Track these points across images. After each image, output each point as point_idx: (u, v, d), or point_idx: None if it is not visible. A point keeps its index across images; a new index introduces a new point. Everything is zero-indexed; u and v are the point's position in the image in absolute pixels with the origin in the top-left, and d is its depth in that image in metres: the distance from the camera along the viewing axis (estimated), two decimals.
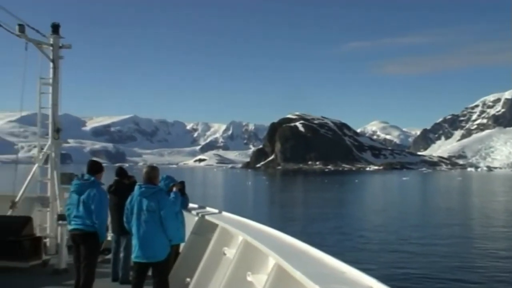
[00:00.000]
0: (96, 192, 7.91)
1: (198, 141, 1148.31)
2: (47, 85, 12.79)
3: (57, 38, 12.81)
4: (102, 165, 8.61)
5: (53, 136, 12.77)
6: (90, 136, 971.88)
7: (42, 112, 12.91)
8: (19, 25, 11.98)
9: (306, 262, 4.92)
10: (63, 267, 9.95)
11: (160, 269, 7.36)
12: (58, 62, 12.85)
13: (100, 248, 8.45)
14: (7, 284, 9.41)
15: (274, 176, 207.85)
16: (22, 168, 13.33)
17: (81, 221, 7.79)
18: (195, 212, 9.63)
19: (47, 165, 12.76)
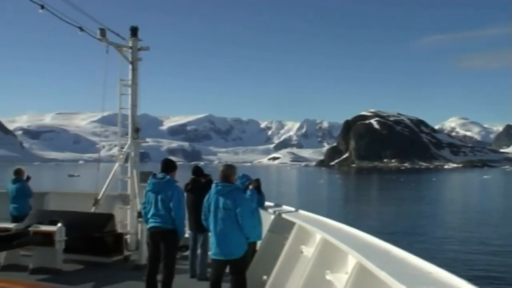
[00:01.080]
0: (174, 190, 8.04)
1: (272, 139, 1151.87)
2: (127, 86, 13.18)
3: (135, 40, 13.17)
4: (176, 163, 8.76)
5: (132, 136, 13.15)
6: (167, 135, 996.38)
7: (122, 113, 13.33)
8: (100, 30, 12.42)
9: (390, 261, 4.78)
10: (143, 262, 10.22)
11: (237, 266, 7.42)
12: (137, 64, 13.22)
13: (178, 245, 8.61)
14: (91, 277, 9.79)
15: (348, 174, 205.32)
16: (104, 167, 13.80)
17: (160, 219, 7.93)
18: (272, 210, 9.64)
19: (127, 163, 13.16)
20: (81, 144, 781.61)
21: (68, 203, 13.64)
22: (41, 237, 10.32)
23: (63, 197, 15.03)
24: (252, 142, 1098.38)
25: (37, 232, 10.39)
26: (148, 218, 8.10)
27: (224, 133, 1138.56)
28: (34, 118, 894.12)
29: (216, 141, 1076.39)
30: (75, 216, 11.59)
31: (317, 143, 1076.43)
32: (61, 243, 10.28)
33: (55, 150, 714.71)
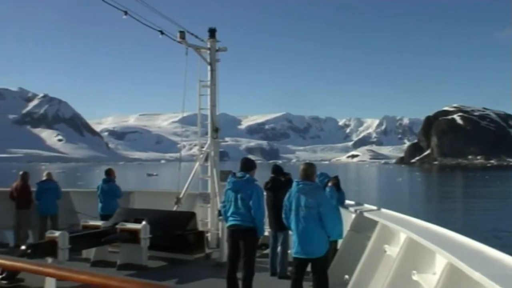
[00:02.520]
0: (253, 188, 8.11)
1: (351, 136, 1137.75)
2: (206, 87, 13.43)
3: (214, 42, 13.38)
4: (255, 162, 8.82)
5: (212, 135, 13.39)
6: (245, 134, 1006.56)
7: (201, 113, 13.60)
8: (180, 32, 12.73)
9: (484, 262, 4.59)
10: (224, 260, 10.37)
11: (319, 265, 7.40)
12: (215, 65, 13.44)
13: (258, 243, 8.67)
14: (175, 274, 10.05)
15: (430, 171, 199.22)
16: (184, 166, 14.12)
17: (240, 217, 8.00)
18: (353, 208, 9.51)
19: (207, 163, 13.40)
20: (162, 144, 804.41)
21: (151, 201, 14.07)
22: (127, 234, 10.71)
23: (147, 195, 15.52)
24: (330, 140, 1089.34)
25: (123, 229, 10.79)
26: (228, 217, 8.18)
27: (302, 131, 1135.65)
28: (119, 120, 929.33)
29: (294, 140, 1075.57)
30: (158, 214, 11.93)
31: (397, 140, 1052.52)
32: (146, 240, 10.63)
33: (138, 150, 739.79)
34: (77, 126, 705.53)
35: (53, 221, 13.59)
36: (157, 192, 17.91)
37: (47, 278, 3.39)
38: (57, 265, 3.45)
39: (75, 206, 14.64)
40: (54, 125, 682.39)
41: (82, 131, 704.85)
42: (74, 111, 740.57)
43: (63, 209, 14.06)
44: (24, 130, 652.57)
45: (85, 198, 14.91)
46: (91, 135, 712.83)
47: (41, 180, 14.04)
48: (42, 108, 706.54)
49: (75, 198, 14.95)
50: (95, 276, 3.11)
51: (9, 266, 3.78)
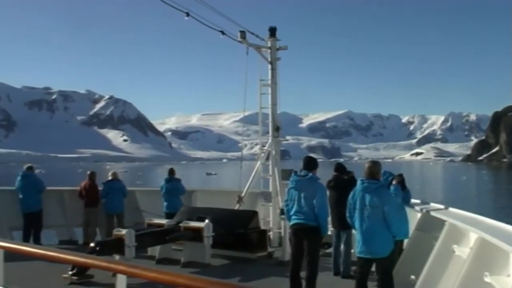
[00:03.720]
0: (317, 187, 8.05)
1: (415, 134, 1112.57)
2: (267, 86, 13.45)
3: (274, 41, 13.38)
4: (317, 161, 8.76)
5: (273, 134, 13.39)
6: (306, 133, 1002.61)
7: (262, 112, 13.62)
8: (241, 32, 12.81)
9: None
10: (287, 259, 10.35)
11: (384, 265, 7.27)
12: (276, 63, 13.43)
13: (321, 242, 8.61)
14: (238, 272, 10.11)
15: (498, 169, 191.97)
16: (245, 165, 14.18)
17: (303, 216, 7.95)
18: (419, 208, 9.28)
19: (268, 161, 13.42)
20: (224, 143, 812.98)
21: (213, 200, 14.23)
22: (191, 232, 10.86)
23: (209, 194, 15.69)
24: (393, 137, 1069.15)
25: (187, 228, 10.96)
26: (291, 215, 8.14)
27: (364, 129, 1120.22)
28: (182, 120, 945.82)
29: (356, 138, 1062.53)
30: (221, 213, 12.04)
31: (464, 137, 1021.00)
32: (209, 238, 10.74)
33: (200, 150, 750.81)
34: (141, 127, 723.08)
35: (119, 219, 13.96)
36: (219, 191, 18.09)
37: (118, 275, 3.47)
38: (128, 262, 3.54)
39: (140, 204, 14.99)
40: (120, 125, 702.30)
41: (146, 131, 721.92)
42: (139, 112, 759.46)
43: (128, 207, 14.42)
44: (91, 131, 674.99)
45: (149, 196, 15.24)
46: (154, 135, 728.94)
47: (107, 179, 14.46)
48: (108, 109, 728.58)
49: (140, 197, 15.31)
50: (164, 273, 3.17)
51: (82, 263, 3.91)
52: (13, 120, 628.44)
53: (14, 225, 13.89)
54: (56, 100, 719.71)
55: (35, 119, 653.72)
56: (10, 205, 13.87)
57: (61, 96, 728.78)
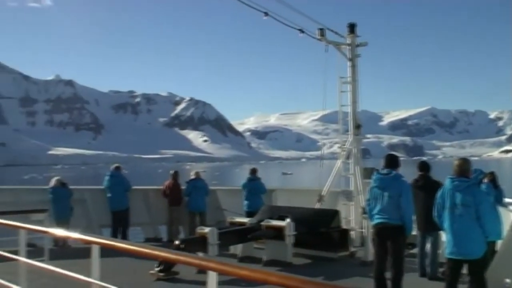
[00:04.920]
0: (403, 186, 7.84)
1: (504, 130, 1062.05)
2: (346, 83, 13.29)
3: (354, 37, 13.21)
4: (399, 159, 8.53)
5: (353, 132, 13.22)
6: (387, 131, 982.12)
7: (342, 110, 13.48)
8: (320, 30, 12.74)
9: None
10: (370, 259, 10.17)
11: (476, 267, 6.95)
12: (355, 60, 13.25)
13: (406, 242, 8.38)
14: (320, 272, 10.04)
15: None
16: (326, 164, 14.07)
17: (387, 215, 7.76)
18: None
19: (349, 160, 13.27)
20: (303, 142, 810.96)
21: (293, 199, 14.22)
22: (272, 231, 10.91)
23: (289, 193, 15.70)
24: (480, 134, 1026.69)
25: (268, 226, 11.01)
26: (374, 214, 7.97)
27: (448, 126, 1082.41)
28: (260, 120, 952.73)
29: (440, 135, 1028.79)
30: (302, 211, 12.02)
31: None
32: (291, 237, 10.74)
33: (279, 149, 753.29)
34: (221, 127, 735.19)
35: (201, 218, 14.24)
36: (299, 189, 18.05)
37: (209, 272, 3.51)
38: (218, 259, 3.57)
39: (222, 203, 15.22)
40: (200, 126, 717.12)
41: (225, 132, 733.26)
42: (218, 113, 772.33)
43: (210, 206, 14.69)
44: (173, 132, 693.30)
45: (231, 195, 15.44)
46: (234, 135, 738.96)
47: (190, 178, 14.78)
48: (188, 111, 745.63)
49: (221, 196, 15.54)
50: (255, 271, 3.16)
51: (174, 260, 3.99)
52: (101, 123, 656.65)
53: (103, 222, 14.50)
54: (140, 103, 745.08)
55: (121, 121, 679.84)
56: (99, 203, 14.49)
57: (144, 99, 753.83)
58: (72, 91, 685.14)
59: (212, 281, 3.51)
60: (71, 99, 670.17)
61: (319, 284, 2.82)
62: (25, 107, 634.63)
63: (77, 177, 75.52)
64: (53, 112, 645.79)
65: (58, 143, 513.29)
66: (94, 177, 51.18)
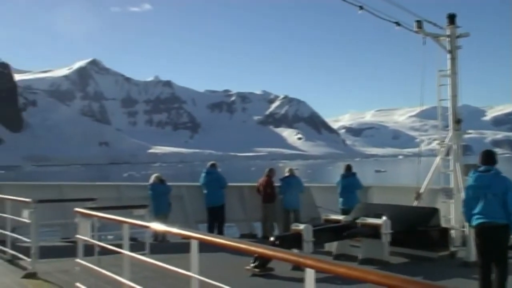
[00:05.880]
0: (506, 183, 7.42)
1: None
2: (446, 76, 12.79)
3: (454, 28, 12.70)
4: (497, 155, 8.06)
5: (453, 127, 12.71)
6: (490, 126, 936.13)
7: (441, 105, 12.99)
8: (417, 22, 12.35)
9: None
10: (472, 260, 9.72)
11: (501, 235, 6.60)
12: (456, 52, 12.72)
13: (510, 242, 7.92)
14: (418, 271, 9.72)
15: None
16: (424, 161, 13.67)
17: (491, 214, 7.38)
18: None
19: (448, 157, 12.77)
20: (400, 139, 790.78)
21: (389, 196, 13.90)
22: (368, 229, 10.72)
23: (385, 190, 15.37)
24: None
25: (364, 224, 10.83)
26: (474, 215, 7.60)
27: None
28: (356, 116, 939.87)
29: None
30: (398, 209, 11.72)
31: None
32: (387, 236, 10.51)
33: (375, 146, 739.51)
34: (315, 125, 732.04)
35: (296, 215, 14.24)
36: (395, 187, 17.64)
37: (307, 269, 3.48)
38: (316, 257, 3.52)
39: (316, 200, 15.15)
40: (294, 124, 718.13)
41: (320, 129, 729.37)
42: (312, 110, 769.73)
43: (305, 203, 14.66)
44: (267, 130, 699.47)
45: (325, 192, 15.34)
46: (328, 132, 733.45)
47: (284, 176, 14.83)
48: (283, 108, 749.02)
49: (316, 193, 15.47)
50: (354, 269, 3.09)
51: (271, 256, 3.99)
52: (197, 122, 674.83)
53: (199, 218, 14.89)
54: (235, 101, 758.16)
55: (216, 120, 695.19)
56: (196, 199, 14.89)
57: (239, 97, 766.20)
58: (170, 92, 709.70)
59: (310, 278, 3.47)
60: (169, 99, 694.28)
61: (421, 284, 2.69)
62: (127, 107, 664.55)
63: (174, 175, 78.12)
64: (152, 112, 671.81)
65: (157, 142, 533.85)
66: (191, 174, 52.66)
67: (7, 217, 10.46)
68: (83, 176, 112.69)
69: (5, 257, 10.48)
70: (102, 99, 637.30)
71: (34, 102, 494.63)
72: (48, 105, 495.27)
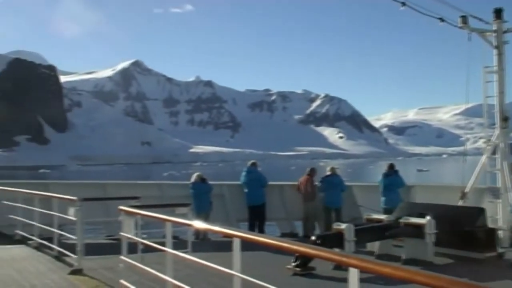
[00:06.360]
0: None
1: None
2: (492, 73, 12.48)
3: (500, 23, 12.40)
4: None
5: (500, 125, 12.39)
6: None
7: (487, 102, 12.69)
8: (462, 17, 12.09)
9: None
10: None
11: None
12: (502, 48, 12.40)
13: None
14: (463, 273, 9.49)
15: None
16: (469, 160, 13.37)
17: None
18: None
19: (495, 155, 12.45)
20: (444, 138, 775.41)
21: (433, 196, 13.65)
22: (411, 229, 10.54)
23: (428, 189, 15.10)
24: None
25: (407, 224, 10.65)
26: None
27: None
28: (398, 115, 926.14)
29: None
30: (443, 209, 11.49)
31: None
32: (431, 236, 10.31)
33: (418, 145, 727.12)
34: (357, 123, 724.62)
35: (337, 214, 14.13)
36: (439, 186, 17.34)
37: (351, 269, 3.43)
38: (360, 256, 3.47)
39: (358, 199, 14.99)
40: (335, 123, 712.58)
41: (361, 128, 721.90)
42: (353, 109, 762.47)
43: (346, 202, 14.52)
44: (308, 129, 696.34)
45: (367, 192, 15.17)
46: (370, 131, 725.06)
47: (325, 174, 14.73)
48: (323, 107, 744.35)
49: (357, 192, 15.32)
50: (400, 270, 3.02)
51: (314, 255, 3.94)
52: (238, 122, 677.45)
53: (240, 217, 14.93)
54: (275, 100, 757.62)
55: (257, 119, 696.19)
56: (237, 198, 14.94)
57: (279, 96, 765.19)
58: (211, 91, 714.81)
59: (354, 278, 3.41)
60: (210, 99, 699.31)
61: (469, 286, 2.60)
62: (168, 107, 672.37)
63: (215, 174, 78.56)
64: (193, 112, 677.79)
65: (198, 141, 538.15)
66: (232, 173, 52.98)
67: (54, 214, 10.71)
68: (125, 175, 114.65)
69: (52, 254, 10.73)
70: (145, 100, 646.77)
71: (79, 103, 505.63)
72: (92, 105, 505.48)
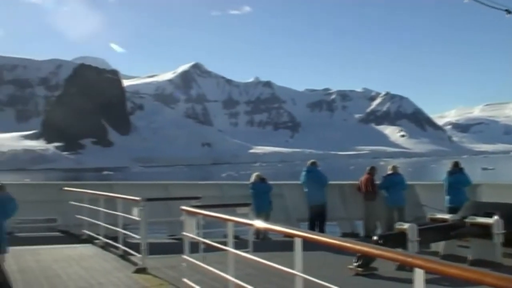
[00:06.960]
0: None
1: None
2: None
3: None
4: None
5: None
6: None
7: None
8: None
9: None
10: None
11: None
12: None
13: None
14: None
15: None
16: None
17: None
18: None
19: None
20: None
21: (501, 194, 13.14)
22: (478, 229, 10.20)
23: (496, 188, 14.57)
24: None
25: (473, 223, 10.32)
26: None
27: None
28: (463, 112, 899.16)
29: None
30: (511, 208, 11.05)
31: None
32: (499, 236, 9.96)
33: (484, 143, 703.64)
34: (419, 121, 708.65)
35: (399, 213, 13.86)
36: (507, 184, 16.68)
37: (416, 269, 3.34)
38: (426, 257, 3.37)
39: (421, 198, 14.65)
40: (396, 121, 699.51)
41: (424, 126, 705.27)
42: (416, 107, 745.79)
43: (409, 201, 14.23)
44: (369, 128, 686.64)
45: (430, 190, 14.81)
46: (433, 129, 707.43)
47: (387, 173, 14.48)
48: (384, 105, 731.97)
49: (420, 191, 14.97)
50: (468, 271, 2.91)
51: (377, 255, 3.87)
52: (297, 122, 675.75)
53: (301, 216, 14.88)
54: (335, 100, 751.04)
55: (316, 119, 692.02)
56: (297, 198, 14.91)
57: (339, 95, 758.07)
58: (270, 92, 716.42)
59: (419, 279, 3.32)
60: (269, 100, 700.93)
61: None
62: (228, 109, 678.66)
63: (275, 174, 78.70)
64: (253, 113, 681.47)
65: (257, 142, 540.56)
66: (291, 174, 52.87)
67: (119, 214, 11.00)
68: (186, 176, 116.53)
69: (118, 253, 11.03)
70: (205, 101, 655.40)
71: (141, 106, 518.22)
72: (154, 108, 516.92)
